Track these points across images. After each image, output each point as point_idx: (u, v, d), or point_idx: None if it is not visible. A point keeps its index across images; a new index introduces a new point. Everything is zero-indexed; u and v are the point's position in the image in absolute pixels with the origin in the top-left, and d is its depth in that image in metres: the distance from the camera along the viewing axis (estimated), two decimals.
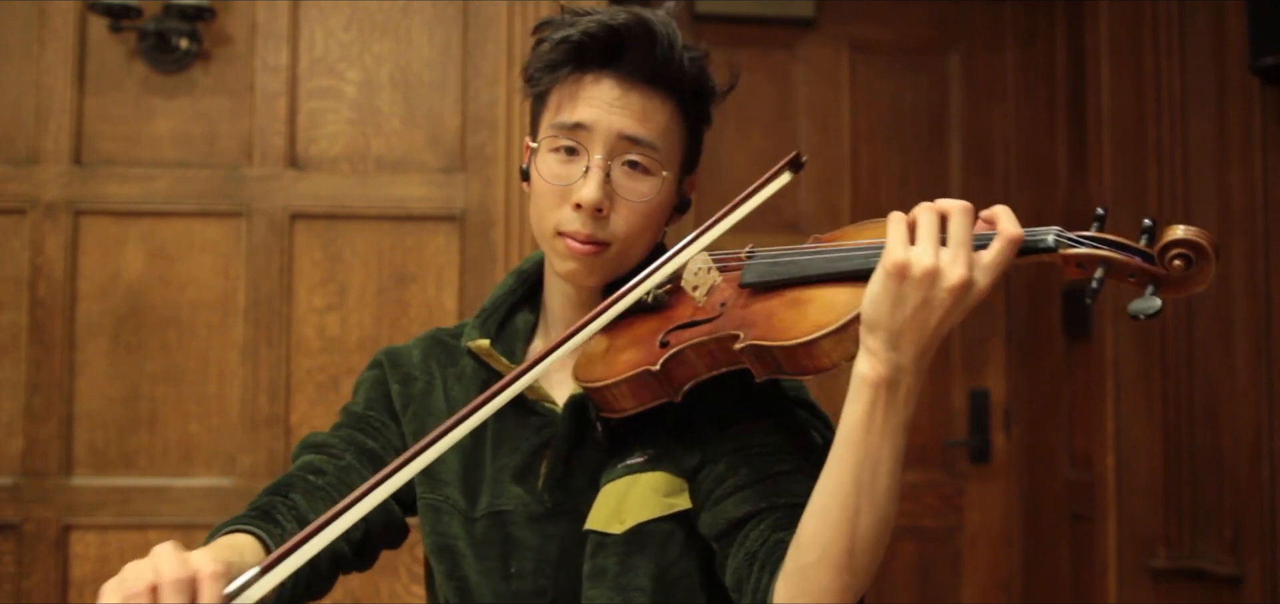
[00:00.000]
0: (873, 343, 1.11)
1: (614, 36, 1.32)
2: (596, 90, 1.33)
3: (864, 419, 1.12)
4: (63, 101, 3.06)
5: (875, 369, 1.11)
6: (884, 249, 1.11)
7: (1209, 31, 3.14)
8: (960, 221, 1.11)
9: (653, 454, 1.33)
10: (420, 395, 1.45)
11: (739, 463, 1.29)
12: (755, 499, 1.26)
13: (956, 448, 3.74)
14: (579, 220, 1.32)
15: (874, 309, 1.11)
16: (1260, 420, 2.96)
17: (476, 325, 1.44)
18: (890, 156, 3.79)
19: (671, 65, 1.34)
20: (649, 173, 1.34)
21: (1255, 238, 2.99)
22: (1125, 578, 3.26)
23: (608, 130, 1.32)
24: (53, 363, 3.02)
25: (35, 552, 3.00)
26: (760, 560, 1.22)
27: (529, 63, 1.38)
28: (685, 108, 1.37)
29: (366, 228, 3.11)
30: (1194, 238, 1.09)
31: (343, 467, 1.39)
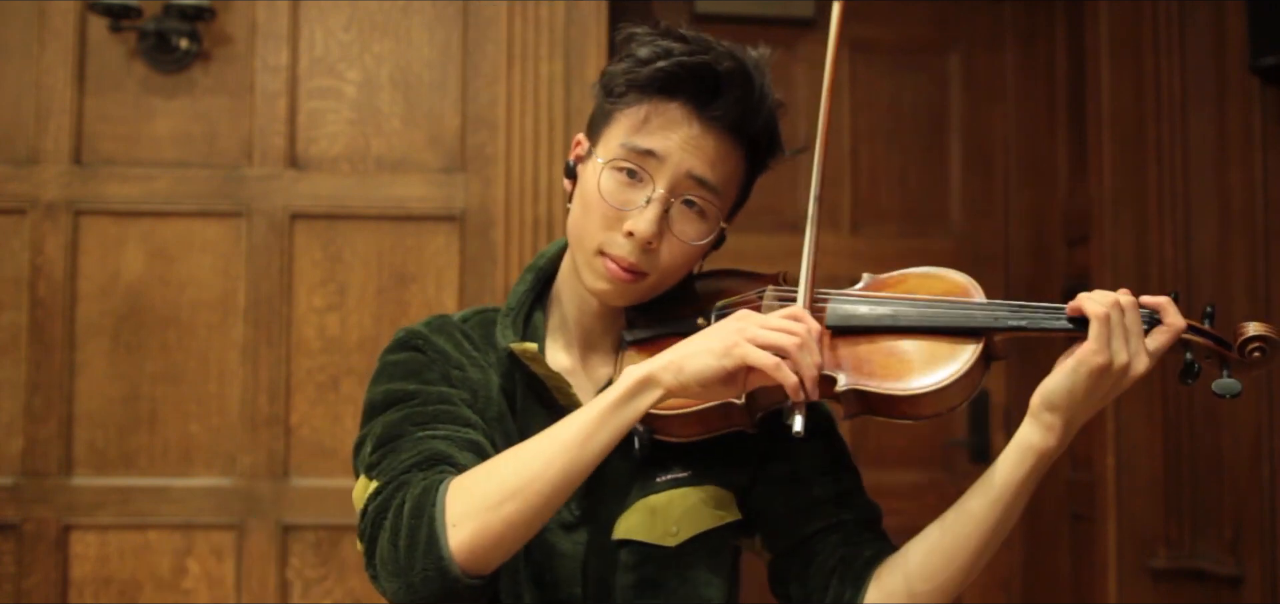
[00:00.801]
0: (1051, 419, 1.22)
1: (713, 77, 1.31)
2: (677, 124, 1.31)
3: (1021, 483, 1.23)
4: (63, 101, 3.06)
5: (1047, 441, 1.22)
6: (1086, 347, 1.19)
7: (1209, 31, 3.14)
8: (1137, 318, 1.21)
9: (695, 470, 1.34)
10: (480, 383, 1.38)
11: (806, 480, 1.34)
12: (825, 515, 1.33)
13: (956, 448, 3.74)
14: (627, 247, 1.31)
15: (1062, 395, 1.21)
16: (1260, 420, 2.96)
17: (510, 325, 1.40)
18: (890, 156, 3.78)
19: (756, 118, 1.34)
20: (705, 215, 1.33)
21: (1255, 238, 2.98)
22: (1125, 578, 3.26)
23: (678, 167, 1.31)
24: (53, 363, 3.02)
25: (35, 552, 3.00)
26: (839, 574, 1.29)
27: (611, 71, 1.35)
28: (753, 158, 1.38)
29: (366, 228, 3.11)
30: (1271, 334, 1.23)
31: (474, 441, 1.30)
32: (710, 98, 1.31)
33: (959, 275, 1.31)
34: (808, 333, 1.18)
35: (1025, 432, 1.22)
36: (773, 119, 1.37)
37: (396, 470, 1.26)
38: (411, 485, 1.22)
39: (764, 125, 1.35)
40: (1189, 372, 1.24)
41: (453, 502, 1.18)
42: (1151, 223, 3.22)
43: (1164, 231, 3.20)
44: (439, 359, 1.37)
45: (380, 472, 1.28)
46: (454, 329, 1.42)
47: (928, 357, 1.24)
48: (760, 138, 1.36)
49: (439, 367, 1.37)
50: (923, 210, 3.77)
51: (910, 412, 1.24)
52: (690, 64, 1.30)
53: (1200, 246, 3.15)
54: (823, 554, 1.30)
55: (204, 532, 3.05)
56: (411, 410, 1.32)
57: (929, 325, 1.26)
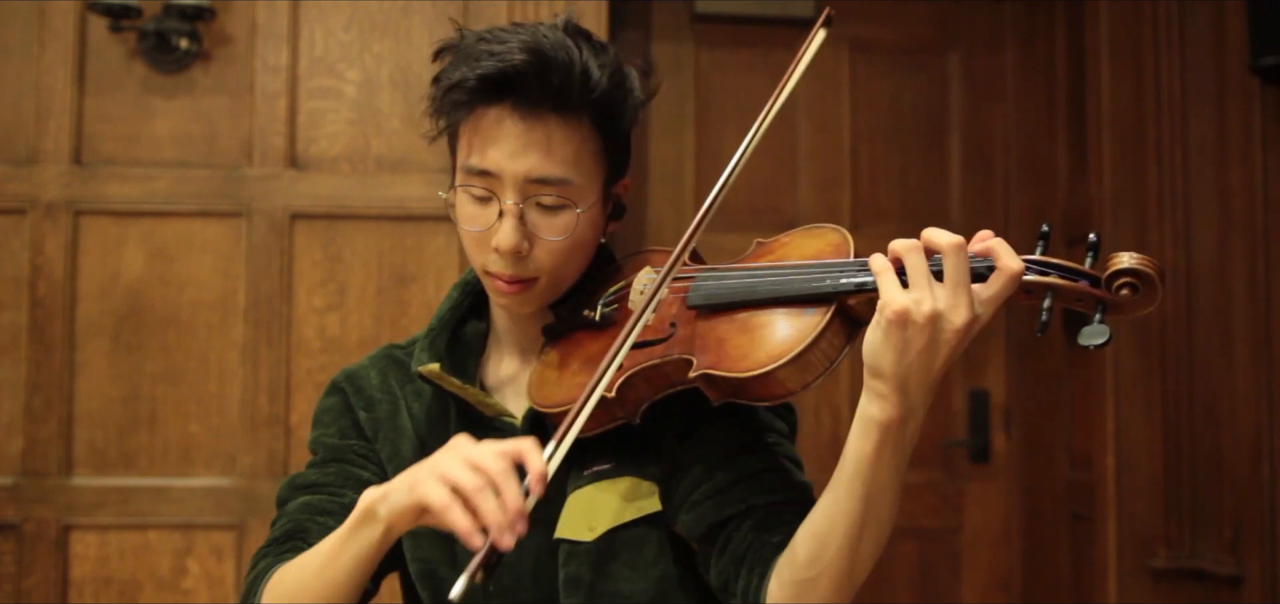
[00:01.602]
0: (880, 387, 1.10)
1: (505, 78, 1.27)
2: (499, 131, 1.28)
3: (873, 456, 1.12)
4: (63, 101, 3.06)
5: (885, 412, 1.10)
6: (880, 297, 1.08)
7: (1209, 31, 3.14)
8: (956, 261, 1.08)
9: (618, 461, 1.33)
10: (386, 418, 1.42)
11: (713, 466, 1.29)
12: (734, 501, 1.27)
13: (956, 448, 3.74)
14: (502, 263, 1.30)
15: (877, 357, 1.09)
16: (1260, 420, 2.96)
17: (426, 347, 1.41)
18: (890, 156, 3.78)
19: (573, 89, 1.28)
20: (564, 207, 1.30)
21: (1255, 238, 2.98)
22: (1125, 578, 3.26)
23: (514, 175, 1.28)
24: (53, 363, 3.02)
25: (35, 552, 3.00)
26: (748, 563, 1.23)
27: (431, 100, 1.34)
28: (600, 123, 1.31)
29: (366, 228, 3.11)
30: (1140, 266, 1.07)
31: (346, 504, 1.34)
32: (518, 94, 1.27)
33: (833, 231, 1.23)
34: (502, 473, 1.08)
35: (862, 402, 1.12)
36: (606, 76, 1.30)
37: (267, 540, 1.36)
38: (258, 566, 1.32)
39: (586, 90, 1.28)
40: (1039, 323, 1.10)
41: (266, 598, 1.27)
42: (1151, 223, 3.22)
43: (1164, 231, 3.20)
44: (355, 400, 1.44)
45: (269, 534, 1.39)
46: (389, 359, 1.47)
47: (776, 331, 1.16)
48: (592, 104, 1.29)
49: (351, 413, 1.43)
50: (923, 210, 3.77)
51: (762, 392, 1.17)
52: (485, 72, 1.27)
53: (1200, 246, 3.15)
54: (735, 541, 1.25)
55: (204, 532, 3.05)
56: (306, 470, 1.42)
57: (780, 295, 1.18)
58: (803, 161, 3.70)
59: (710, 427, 1.31)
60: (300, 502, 1.38)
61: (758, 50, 3.69)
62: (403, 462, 1.39)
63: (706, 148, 3.62)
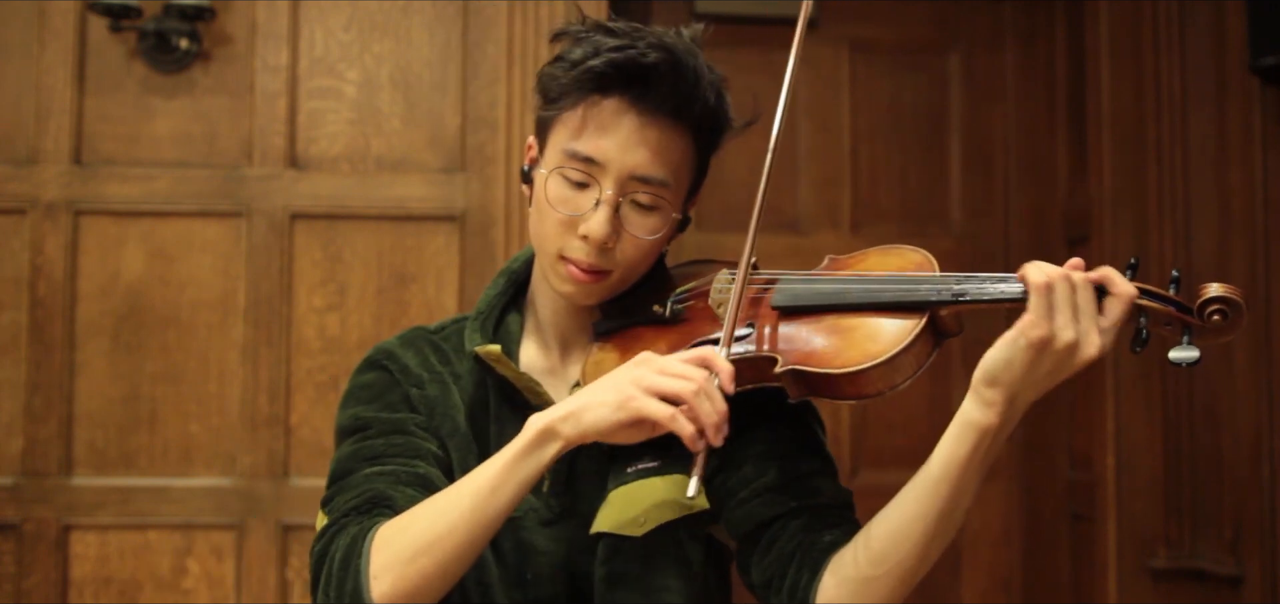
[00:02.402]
0: (991, 395, 1.14)
1: (641, 71, 1.30)
2: (615, 122, 1.30)
3: (966, 460, 1.16)
4: (63, 101, 3.06)
5: (988, 418, 1.15)
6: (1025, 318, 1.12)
7: (1209, 31, 3.14)
8: (1089, 296, 1.14)
9: (664, 459, 1.33)
10: (439, 397, 1.40)
11: (765, 466, 1.31)
12: (785, 500, 1.29)
13: None
14: (584, 250, 1.32)
15: (1002, 370, 1.13)
16: (1260, 420, 2.96)
17: (478, 328, 1.41)
18: (890, 156, 3.78)
19: (694, 102, 1.33)
20: (657, 208, 1.33)
21: (1255, 238, 2.99)
22: (1125, 578, 3.26)
23: (622, 167, 1.30)
24: (53, 363, 3.02)
25: (35, 552, 3.00)
26: (797, 561, 1.26)
27: (545, 75, 1.35)
28: (700, 141, 1.36)
29: (366, 228, 3.11)
30: (1231, 295, 1.15)
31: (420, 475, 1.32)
32: (642, 91, 1.30)
33: (914, 251, 1.29)
34: (706, 378, 1.17)
35: (966, 407, 1.16)
36: (715, 97, 1.35)
37: (339, 512, 1.30)
38: (346, 531, 1.26)
39: (704, 106, 1.34)
40: (1138, 339, 1.18)
41: (376, 553, 1.22)
42: (1151, 223, 3.22)
43: (1164, 231, 3.20)
44: (402, 378, 1.40)
45: (330, 509, 1.32)
46: (424, 341, 1.44)
47: (869, 334, 1.21)
48: (703, 119, 1.34)
49: (401, 388, 1.39)
50: (923, 210, 3.77)
51: (851, 390, 1.22)
52: (618, 60, 1.29)
53: (1200, 246, 3.15)
54: (783, 540, 1.27)
55: (204, 532, 3.05)
56: (362, 443, 1.35)
57: (873, 302, 1.23)
58: (803, 161, 3.70)
59: (762, 428, 1.33)
60: (369, 471, 1.32)
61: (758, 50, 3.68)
62: (463, 438, 1.38)
63: None
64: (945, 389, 3.74)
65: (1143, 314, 1.17)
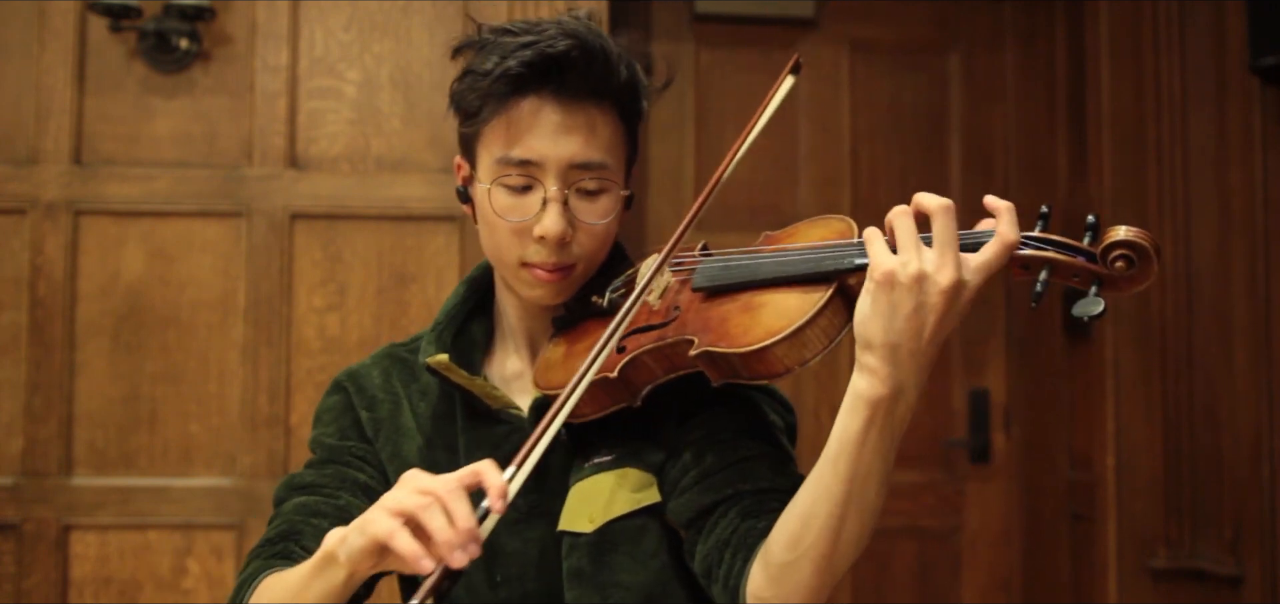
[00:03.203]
0: (871, 360, 1.08)
1: (551, 63, 1.29)
2: (539, 119, 1.30)
3: (860, 434, 1.10)
4: (63, 101, 3.06)
5: (874, 387, 1.08)
6: (869, 262, 1.08)
7: (1209, 31, 3.14)
8: (944, 222, 1.08)
9: (620, 451, 1.33)
10: (388, 418, 1.43)
11: (704, 451, 1.29)
12: (722, 486, 1.26)
13: (956, 448, 3.74)
14: (543, 251, 1.31)
15: (866, 325, 1.08)
16: (1260, 420, 2.96)
17: (433, 339, 1.41)
18: (890, 156, 3.78)
19: (607, 78, 1.31)
20: (605, 191, 1.33)
21: (1255, 238, 2.99)
22: (1125, 578, 3.26)
23: (558, 161, 1.30)
24: (53, 363, 3.02)
25: (35, 552, 3.00)
26: (732, 547, 1.22)
27: (458, 94, 1.34)
28: (624, 113, 1.35)
29: (366, 228, 3.11)
30: (1135, 238, 1.07)
31: (340, 505, 1.36)
32: (559, 81, 1.29)
33: (839, 219, 1.24)
34: (449, 493, 1.04)
35: (853, 379, 1.10)
36: (627, 70, 1.34)
37: (260, 541, 1.36)
38: (251, 566, 1.31)
39: (620, 81, 1.32)
40: (1033, 294, 1.09)
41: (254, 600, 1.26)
42: (1151, 223, 3.22)
43: (1164, 231, 3.20)
44: (356, 399, 1.44)
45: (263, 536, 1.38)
46: (393, 358, 1.47)
47: (777, 309, 1.16)
48: (622, 93, 1.33)
49: (353, 412, 1.43)
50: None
51: (760, 369, 1.17)
52: (529, 58, 1.28)
53: (1200, 246, 3.15)
54: (720, 527, 1.24)
55: (204, 532, 3.04)
56: (302, 473, 1.41)
57: (783, 276, 1.18)
58: (803, 161, 3.70)
59: (706, 413, 1.31)
60: (295, 502, 1.38)
61: (758, 50, 3.69)
62: (403, 462, 1.40)
63: (706, 147, 3.62)
64: (945, 389, 3.75)
65: (1047, 267, 1.10)
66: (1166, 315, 3.19)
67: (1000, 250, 1.08)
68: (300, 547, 1.31)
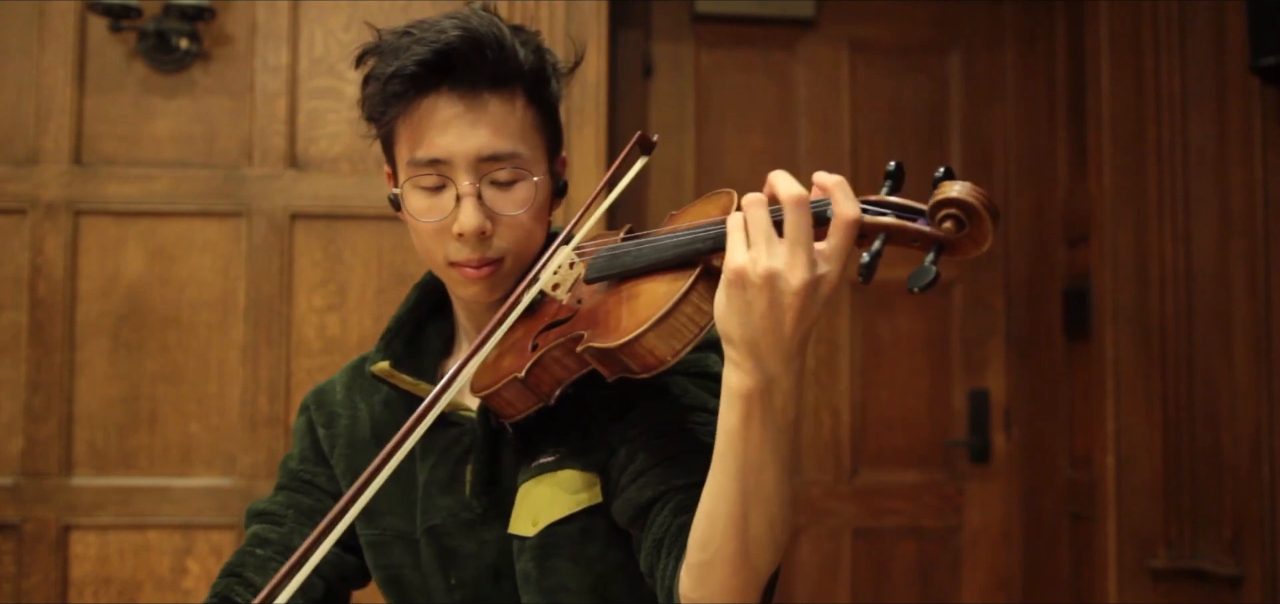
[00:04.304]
0: (734, 354, 1.04)
1: (445, 58, 1.27)
2: (442, 116, 1.28)
3: (740, 429, 1.05)
4: (63, 101, 3.06)
5: (742, 381, 1.04)
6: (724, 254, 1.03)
7: (1209, 31, 3.14)
8: (795, 218, 1.00)
9: (562, 452, 1.31)
10: (346, 431, 1.45)
11: (638, 448, 1.25)
12: (655, 483, 1.23)
13: (956, 448, 3.74)
14: (465, 248, 1.30)
15: (724, 321, 1.03)
16: (1260, 420, 2.96)
17: (380, 348, 1.42)
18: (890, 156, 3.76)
19: (506, 64, 1.29)
20: (519, 180, 1.30)
21: (1255, 238, 2.98)
22: (1125, 578, 3.25)
23: (465, 156, 1.28)
24: (53, 363, 3.02)
25: (35, 552, 3.00)
26: (666, 546, 1.19)
27: (365, 101, 1.33)
28: (533, 96, 1.32)
29: (366, 228, 3.11)
30: (964, 196, 0.98)
31: (285, 533, 1.42)
32: (455, 76, 1.27)
33: (725, 194, 1.18)
34: None
35: (724, 372, 1.06)
36: (531, 51, 1.31)
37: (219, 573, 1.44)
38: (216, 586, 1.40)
39: (520, 65, 1.30)
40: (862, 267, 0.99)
41: None
42: (1151, 223, 3.22)
43: (1164, 231, 3.20)
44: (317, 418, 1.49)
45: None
46: (356, 371, 1.51)
47: (650, 297, 1.11)
48: (526, 77, 1.31)
49: (313, 432, 1.49)
50: None
51: (637, 363, 1.11)
52: (422, 56, 1.27)
53: (1200, 246, 3.15)
54: (656, 525, 1.21)
55: (204, 532, 3.05)
56: (262, 499, 1.48)
57: (658, 262, 1.14)
58: (803, 162, 3.70)
59: (637, 409, 1.28)
60: (252, 531, 1.45)
61: (758, 50, 3.69)
62: (357, 475, 1.36)
63: (706, 147, 3.62)
64: (945, 389, 3.75)
65: (882, 234, 1.01)
66: (1166, 315, 3.19)
67: (845, 232, 1.00)
68: (242, 581, 1.39)
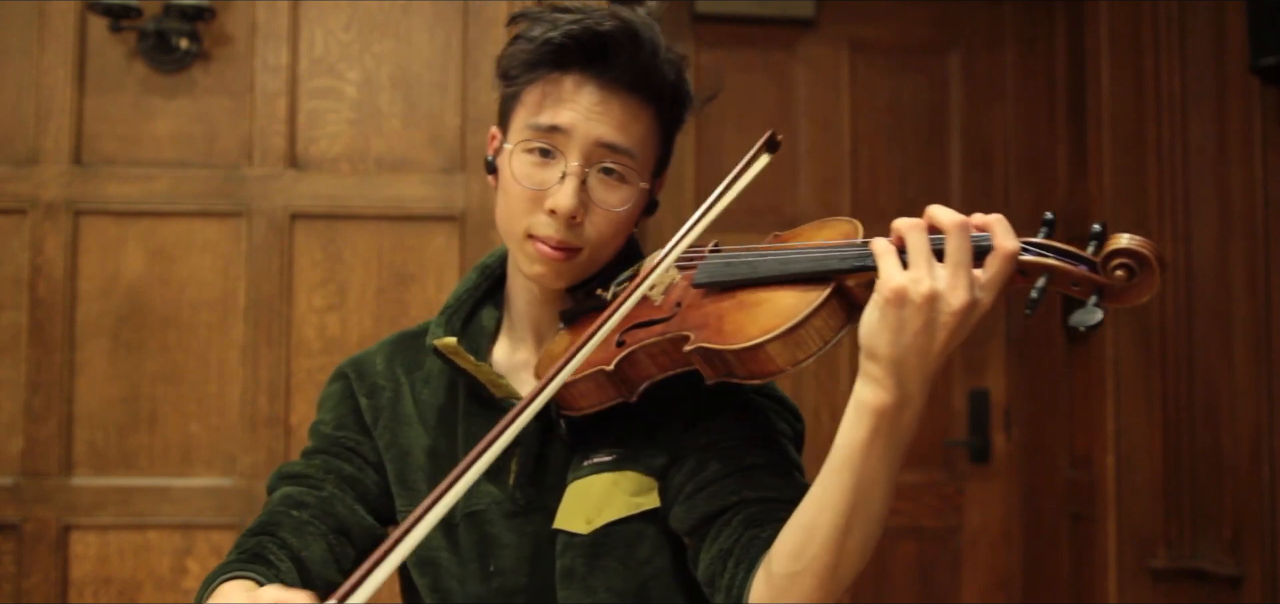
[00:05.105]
0: (875, 371, 1.07)
1: (598, 41, 1.29)
2: (576, 94, 1.30)
3: (864, 445, 1.08)
4: (63, 101, 3.06)
5: (879, 397, 1.07)
6: (877, 273, 1.07)
7: (1209, 31, 3.14)
8: (958, 242, 1.06)
9: (620, 453, 1.32)
10: (389, 405, 1.43)
11: (709, 458, 1.28)
12: (726, 494, 1.25)
13: (956, 448, 3.74)
14: (552, 226, 1.30)
15: (873, 338, 1.06)
16: (1260, 420, 2.96)
17: (441, 323, 1.41)
18: (890, 156, 3.78)
19: (654, 73, 1.32)
20: (624, 181, 1.32)
21: (1255, 238, 2.99)
22: (1125, 578, 3.26)
23: (586, 136, 1.29)
24: (53, 363, 3.02)
25: (35, 552, 3.00)
26: (735, 557, 1.21)
27: (505, 57, 1.35)
28: (663, 114, 1.35)
29: (366, 228, 3.11)
30: (1137, 247, 1.05)
31: (324, 497, 1.37)
32: (602, 63, 1.29)
33: (845, 221, 1.23)
34: None
35: (857, 386, 1.09)
36: (674, 73, 1.34)
37: (246, 529, 1.36)
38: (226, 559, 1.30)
39: (663, 80, 1.33)
40: (1029, 301, 1.07)
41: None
42: (1151, 223, 3.22)
43: (1164, 231, 3.20)
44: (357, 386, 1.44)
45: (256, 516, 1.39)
46: (400, 343, 1.48)
47: (774, 308, 1.15)
48: (663, 93, 1.33)
49: (352, 400, 1.43)
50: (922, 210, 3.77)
51: (755, 368, 1.15)
52: (576, 32, 1.29)
53: (1200, 246, 3.15)
54: (723, 536, 1.23)
55: (204, 532, 3.04)
56: (294, 462, 1.42)
57: (783, 274, 1.17)
58: (803, 161, 3.70)
59: (712, 420, 1.30)
60: (281, 493, 1.38)
61: (758, 50, 3.69)
62: (401, 450, 1.40)
63: (706, 147, 3.62)
64: (945, 389, 3.75)
65: (1044, 274, 1.07)
66: (1166, 315, 3.19)
67: (1004, 263, 1.07)
68: (275, 540, 1.31)
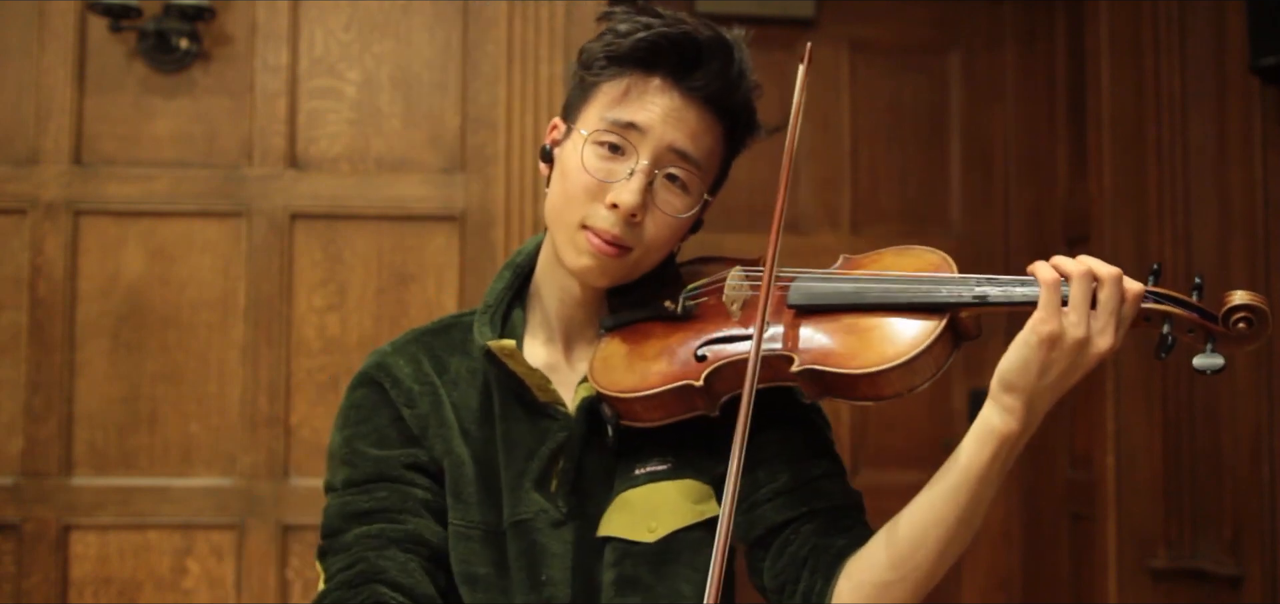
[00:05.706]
0: (1009, 400, 1.15)
1: (694, 48, 1.31)
2: (658, 96, 1.31)
3: (985, 468, 1.16)
4: (63, 101, 3.05)
5: (1007, 424, 1.15)
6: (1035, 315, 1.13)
7: (1209, 31, 3.14)
8: (1113, 292, 1.14)
9: (675, 462, 1.32)
10: (431, 412, 1.36)
11: (777, 469, 1.31)
12: (796, 504, 1.29)
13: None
14: (610, 220, 1.29)
15: (1017, 373, 1.14)
16: (1260, 420, 2.96)
17: (487, 322, 1.37)
18: (890, 156, 3.78)
19: (735, 92, 1.34)
20: (687, 190, 1.32)
21: (1255, 238, 2.99)
22: (1125, 578, 3.26)
23: (660, 139, 1.30)
24: (53, 363, 3.02)
25: (35, 552, 3.00)
26: (810, 565, 1.25)
27: (593, 48, 1.34)
28: (731, 134, 1.37)
29: (366, 228, 3.11)
30: (1257, 302, 1.16)
31: (410, 531, 1.31)
32: (691, 69, 1.31)
33: (932, 252, 1.28)
34: None
35: (985, 414, 1.17)
36: (750, 96, 1.37)
37: (332, 576, 1.30)
38: None
39: (742, 101, 1.35)
40: (1163, 345, 1.17)
41: None
42: (1151, 223, 3.22)
43: (1164, 231, 3.20)
44: (393, 394, 1.36)
45: (326, 566, 1.32)
46: (419, 345, 1.41)
47: (887, 335, 1.20)
48: (739, 113, 1.35)
49: (391, 407, 1.36)
50: (923, 210, 3.77)
51: (870, 391, 1.21)
52: (671, 35, 1.30)
53: (1200, 246, 3.15)
54: (795, 544, 1.27)
55: (204, 532, 3.04)
56: (350, 497, 1.33)
57: (892, 302, 1.22)
58: (803, 161, 3.70)
59: (772, 431, 1.32)
60: (358, 533, 1.30)
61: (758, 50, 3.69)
62: (455, 460, 1.35)
63: None
64: (945, 389, 3.75)
65: (1167, 321, 1.18)
66: None
67: (1132, 307, 1.16)
68: (388, 586, 1.26)
